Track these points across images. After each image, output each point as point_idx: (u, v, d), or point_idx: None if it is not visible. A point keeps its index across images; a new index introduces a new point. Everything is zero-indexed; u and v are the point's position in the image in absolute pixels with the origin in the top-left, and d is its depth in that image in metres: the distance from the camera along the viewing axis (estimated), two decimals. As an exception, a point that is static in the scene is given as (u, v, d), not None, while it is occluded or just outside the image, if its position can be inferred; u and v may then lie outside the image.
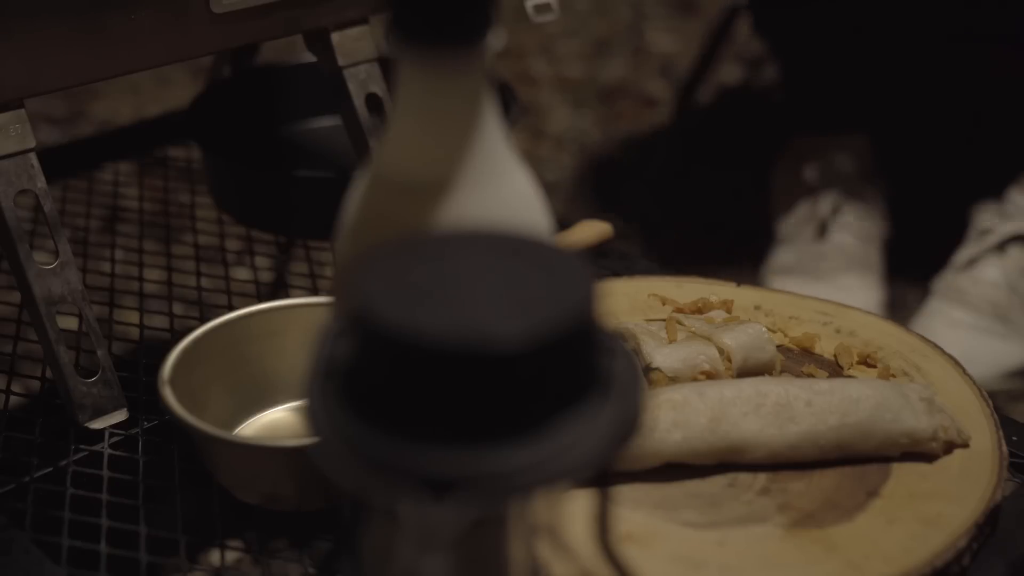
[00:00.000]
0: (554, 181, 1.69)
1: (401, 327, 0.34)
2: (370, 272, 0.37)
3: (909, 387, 0.67)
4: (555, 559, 0.47)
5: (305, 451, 0.58)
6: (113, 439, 0.70)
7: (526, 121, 1.80)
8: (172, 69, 1.75)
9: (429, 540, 0.34)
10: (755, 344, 0.71)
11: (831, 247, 1.38)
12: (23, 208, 0.72)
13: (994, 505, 0.62)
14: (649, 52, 2.12)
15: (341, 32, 0.82)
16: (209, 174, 0.99)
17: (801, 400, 0.65)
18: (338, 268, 0.49)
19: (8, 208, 0.68)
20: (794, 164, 1.47)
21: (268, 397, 0.72)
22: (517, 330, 0.34)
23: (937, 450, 0.65)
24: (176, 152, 1.12)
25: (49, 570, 0.60)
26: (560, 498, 0.41)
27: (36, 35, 0.68)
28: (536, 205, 0.47)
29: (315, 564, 0.62)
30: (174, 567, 0.63)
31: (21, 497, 0.66)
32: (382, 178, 0.46)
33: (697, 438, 0.64)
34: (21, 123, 0.69)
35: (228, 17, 0.75)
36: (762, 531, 0.61)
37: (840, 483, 0.64)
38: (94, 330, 0.71)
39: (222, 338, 0.71)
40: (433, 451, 0.34)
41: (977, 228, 1.33)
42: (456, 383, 0.34)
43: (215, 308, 0.85)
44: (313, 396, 0.37)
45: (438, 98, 0.44)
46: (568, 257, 0.38)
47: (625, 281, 0.83)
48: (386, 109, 0.85)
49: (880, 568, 0.58)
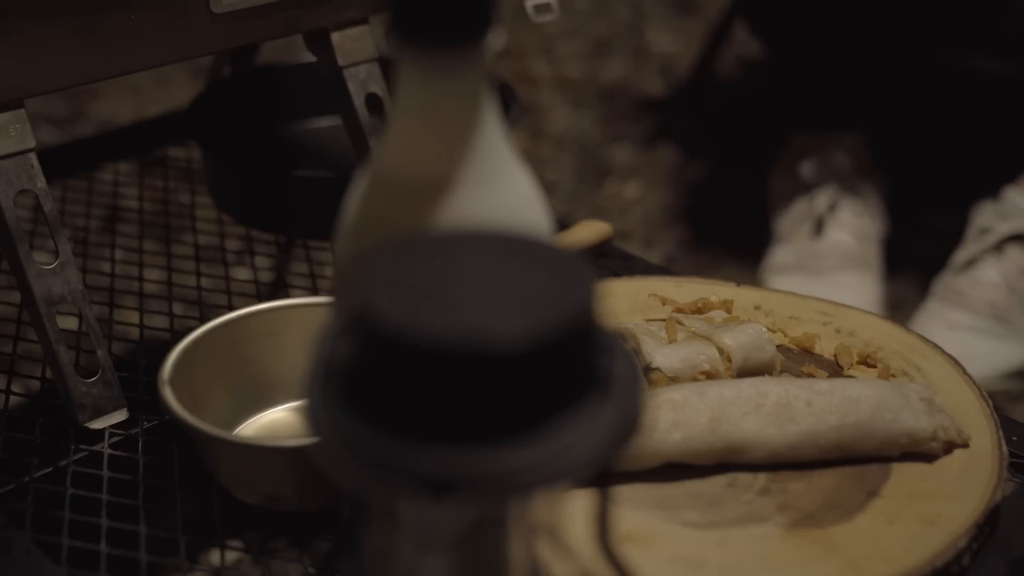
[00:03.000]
0: (554, 181, 1.69)
1: (401, 327, 0.34)
2: (370, 272, 0.37)
3: (909, 387, 0.67)
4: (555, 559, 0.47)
5: (305, 451, 0.58)
6: (113, 439, 0.70)
7: (526, 121, 1.80)
8: (172, 69, 1.75)
9: (429, 540, 0.34)
10: (755, 344, 0.71)
11: (828, 245, 1.38)
12: (23, 208, 0.72)
13: (994, 505, 0.62)
14: (649, 52, 2.12)
15: (341, 32, 0.82)
16: (209, 174, 0.99)
17: (801, 400, 0.65)
18: (338, 268, 0.49)
19: (8, 208, 0.68)
20: (791, 162, 1.47)
21: (268, 397, 0.72)
22: (517, 330, 0.34)
23: (937, 450, 0.65)
24: (176, 152, 1.12)
25: (49, 570, 0.60)
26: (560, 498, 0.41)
27: (36, 35, 0.68)
28: (536, 205, 0.47)
29: (315, 564, 0.62)
30: (174, 567, 0.63)
31: (21, 497, 0.66)
32: (382, 178, 0.46)
33: (697, 438, 0.64)
34: (21, 123, 0.69)
35: (228, 17, 0.75)
36: (762, 531, 0.61)
37: (840, 483, 0.64)
38: (94, 330, 0.71)
39: (222, 338, 0.71)
40: (433, 451, 0.34)
41: (975, 228, 1.34)
42: (456, 383, 0.34)
43: (215, 308, 0.85)
44: (313, 396, 0.37)
45: (438, 98, 0.44)
46: (568, 257, 0.38)
47: (625, 281, 0.83)
48: (386, 109, 0.85)
49: (880, 568, 0.58)
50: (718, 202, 1.65)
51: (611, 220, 0.95)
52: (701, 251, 1.55)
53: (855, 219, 1.40)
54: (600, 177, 1.74)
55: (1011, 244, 1.30)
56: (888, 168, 1.48)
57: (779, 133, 1.53)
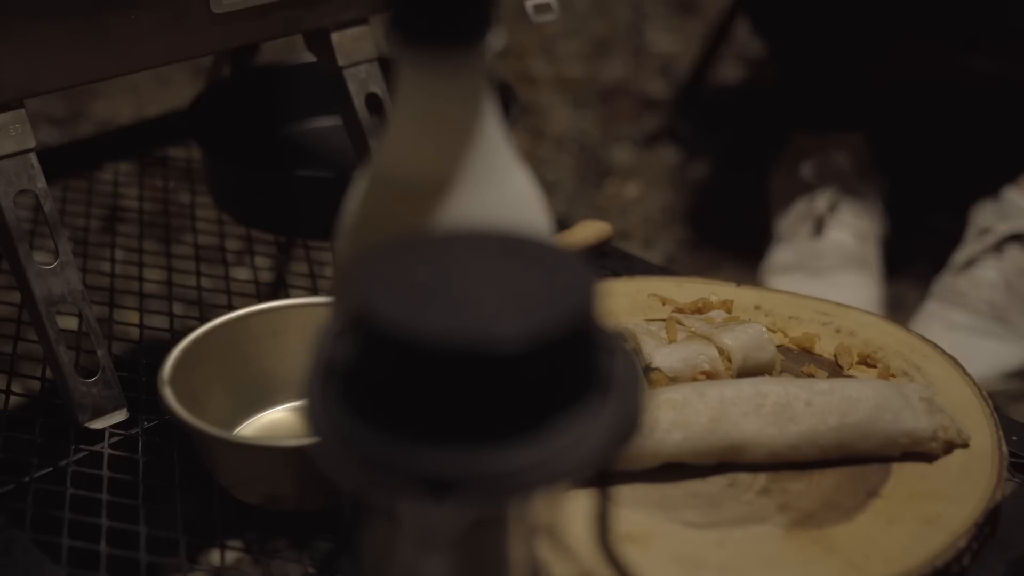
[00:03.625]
0: (554, 181, 1.69)
1: (402, 327, 0.34)
2: (370, 272, 0.37)
3: (909, 387, 0.67)
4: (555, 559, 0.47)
5: (305, 451, 0.58)
6: (113, 439, 0.70)
7: (526, 121, 1.80)
8: (172, 69, 1.75)
9: (429, 540, 0.34)
10: (755, 344, 0.71)
11: (828, 245, 1.38)
12: (23, 208, 0.72)
13: (994, 505, 0.62)
14: (649, 52, 2.12)
15: (341, 32, 0.82)
16: (209, 174, 0.99)
17: (801, 400, 0.65)
18: (338, 268, 0.49)
19: (8, 208, 0.68)
20: (792, 162, 1.47)
21: (268, 397, 0.72)
22: (517, 330, 0.34)
23: (937, 450, 0.65)
24: (176, 152, 1.12)
25: (49, 570, 0.60)
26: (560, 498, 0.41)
27: (36, 35, 0.68)
28: (536, 205, 0.47)
29: (315, 564, 0.62)
30: (174, 567, 0.63)
31: (21, 497, 0.66)
32: (382, 178, 0.46)
33: (697, 438, 0.64)
34: (21, 123, 0.69)
35: (228, 17, 0.75)
36: (762, 531, 0.61)
37: (840, 483, 0.64)
38: (94, 330, 0.71)
39: (222, 338, 0.71)
40: (433, 451, 0.34)
41: (975, 228, 1.33)
42: (456, 383, 0.34)
43: (215, 308, 0.85)
44: (313, 396, 0.37)
45: (438, 98, 0.44)
46: (568, 257, 0.38)
47: (625, 281, 0.83)
48: (386, 109, 0.85)
49: (880, 568, 0.58)
50: (718, 202, 1.65)
51: (611, 220, 0.95)
52: (701, 251, 1.55)
53: (855, 219, 1.40)
54: (600, 177, 1.74)
55: (1011, 244, 1.30)
56: (888, 168, 1.48)
57: (780, 133, 1.53)
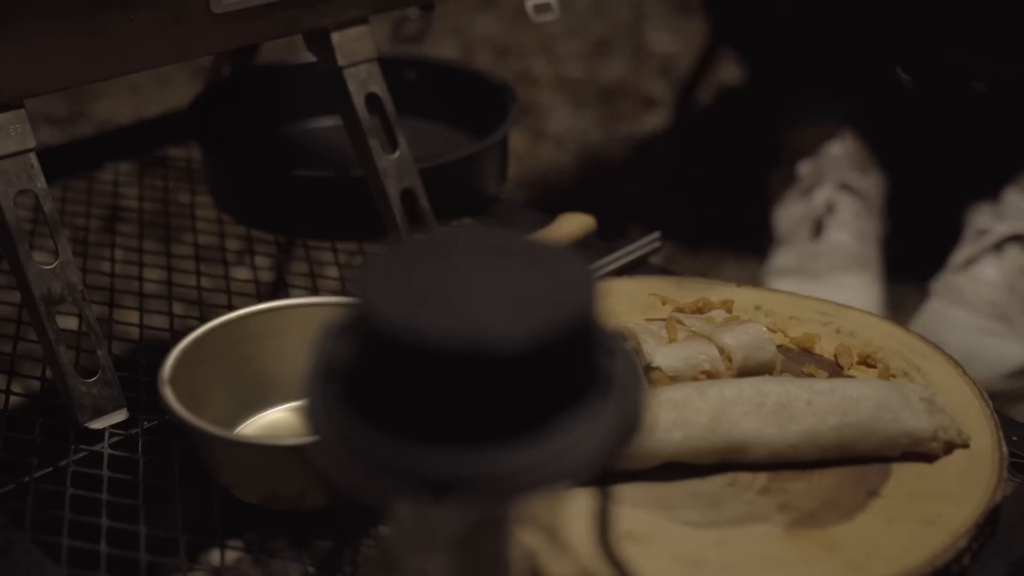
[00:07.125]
0: (554, 181, 1.69)
1: (402, 327, 0.34)
2: (371, 272, 0.37)
3: (909, 387, 0.67)
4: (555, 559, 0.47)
5: (305, 451, 0.58)
6: (113, 439, 0.70)
7: (526, 121, 1.80)
8: (172, 69, 1.75)
9: (430, 541, 0.34)
10: (755, 344, 0.71)
11: (828, 246, 1.38)
12: (23, 208, 0.72)
13: (994, 505, 0.62)
14: (649, 52, 2.12)
15: (341, 32, 0.82)
16: (209, 174, 0.99)
17: (801, 400, 0.65)
18: None
19: (8, 208, 0.68)
20: (790, 163, 1.47)
21: (268, 397, 0.72)
22: (517, 330, 0.34)
23: (937, 450, 0.65)
24: (176, 152, 1.12)
25: (49, 570, 0.60)
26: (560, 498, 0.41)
27: (36, 35, 0.68)
28: None
29: (315, 564, 0.62)
30: (174, 567, 0.63)
31: (21, 497, 0.66)
32: None
33: (697, 437, 0.64)
34: (21, 123, 0.69)
35: (228, 17, 0.75)
36: (762, 531, 0.61)
37: (840, 483, 0.64)
38: (94, 330, 0.71)
39: (222, 338, 0.71)
40: (433, 451, 0.34)
41: (973, 230, 1.33)
42: (457, 383, 0.34)
43: (215, 308, 0.85)
44: (313, 396, 0.37)
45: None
46: (568, 257, 0.38)
47: (625, 281, 0.83)
48: (386, 109, 0.85)
49: (880, 568, 0.58)
50: (718, 202, 1.65)
51: (611, 220, 0.95)
52: (701, 251, 1.55)
53: (854, 220, 1.40)
54: (600, 177, 1.74)
55: (1010, 244, 1.30)
56: (888, 168, 1.48)
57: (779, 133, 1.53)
